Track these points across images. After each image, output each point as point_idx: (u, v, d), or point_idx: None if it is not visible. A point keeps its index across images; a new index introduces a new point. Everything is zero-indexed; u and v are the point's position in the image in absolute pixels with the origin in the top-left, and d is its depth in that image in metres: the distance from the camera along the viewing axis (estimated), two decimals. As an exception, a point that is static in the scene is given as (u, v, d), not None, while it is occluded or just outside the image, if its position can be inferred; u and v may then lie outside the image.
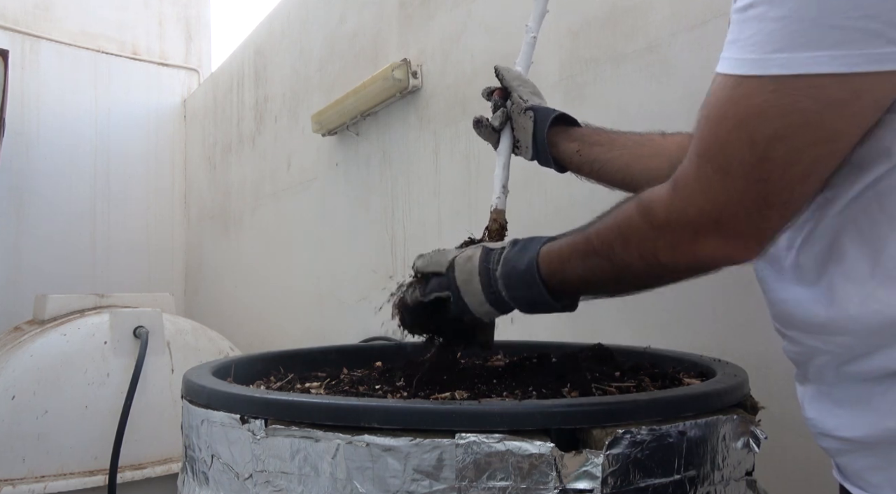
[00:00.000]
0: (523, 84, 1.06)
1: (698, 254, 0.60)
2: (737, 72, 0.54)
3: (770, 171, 0.53)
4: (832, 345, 0.60)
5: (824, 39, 0.49)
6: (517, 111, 1.04)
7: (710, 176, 0.57)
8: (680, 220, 0.60)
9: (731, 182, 0.55)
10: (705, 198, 0.58)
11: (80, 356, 1.99)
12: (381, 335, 2.24)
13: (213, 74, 4.15)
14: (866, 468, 0.60)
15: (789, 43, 0.50)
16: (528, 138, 1.04)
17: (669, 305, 1.32)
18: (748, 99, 0.53)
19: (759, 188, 0.54)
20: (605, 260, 0.69)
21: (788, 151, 0.52)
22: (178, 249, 4.47)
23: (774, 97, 0.51)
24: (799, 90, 0.50)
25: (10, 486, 1.79)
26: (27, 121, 3.91)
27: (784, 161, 0.53)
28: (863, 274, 0.56)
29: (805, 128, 0.51)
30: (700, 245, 0.59)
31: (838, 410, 0.61)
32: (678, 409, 0.68)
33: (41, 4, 4.04)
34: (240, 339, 3.13)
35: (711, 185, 0.57)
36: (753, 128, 0.53)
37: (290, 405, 0.70)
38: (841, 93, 0.50)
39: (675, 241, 0.61)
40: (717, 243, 0.58)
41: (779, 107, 0.51)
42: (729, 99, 0.54)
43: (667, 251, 0.62)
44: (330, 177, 2.65)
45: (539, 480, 0.60)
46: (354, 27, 2.47)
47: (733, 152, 0.55)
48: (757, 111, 0.52)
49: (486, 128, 1.07)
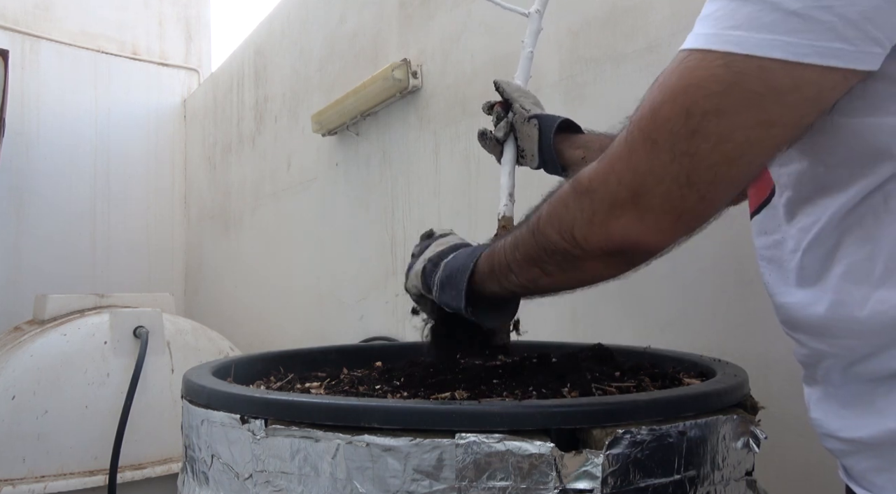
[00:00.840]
0: (524, 95, 1.08)
1: (611, 230, 0.58)
2: (692, 45, 0.53)
3: (698, 146, 0.52)
4: (838, 348, 0.59)
5: (781, 24, 0.48)
6: (520, 121, 1.05)
7: (637, 144, 0.55)
8: (599, 188, 0.58)
9: (656, 152, 0.54)
10: (627, 166, 0.56)
11: (80, 356, 1.99)
12: (381, 335, 2.24)
13: (213, 74, 4.15)
14: (870, 469, 0.59)
15: (747, 22, 0.50)
16: (533, 147, 1.04)
17: (669, 305, 1.32)
18: (693, 70, 0.52)
19: (683, 162, 0.53)
20: (531, 239, 0.67)
21: (722, 128, 0.51)
22: (178, 249, 4.47)
23: (721, 72, 0.50)
24: (747, 69, 0.50)
25: (10, 486, 1.79)
26: (27, 121, 3.91)
27: (715, 138, 0.51)
28: (869, 276, 0.56)
29: (744, 107, 0.50)
30: (614, 219, 0.57)
31: (843, 411, 0.61)
32: (678, 409, 0.68)
33: (41, 4, 4.04)
34: (240, 339, 3.13)
35: (636, 154, 0.55)
36: (692, 100, 0.52)
37: (290, 405, 0.70)
38: (785, 80, 0.49)
39: (591, 212, 0.59)
40: (630, 219, 0.56)
41: (722, 83, 0.50)
42: (675, 69, 0.54)
43: (583, 223, 0.60)
44: (330, 177, 2.65)
45: (539, 480, 0.60)
46: (354, 27, 2.47)
47: (665, 122, 0.53)
48: (699, 83, 0.51)
49: (490, 140, 1.08)
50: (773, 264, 0.67)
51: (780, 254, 0.65)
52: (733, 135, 0.51)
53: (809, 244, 0.60)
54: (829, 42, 0.48)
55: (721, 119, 0.51)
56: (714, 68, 0.51)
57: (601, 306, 1.47)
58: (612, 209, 0.57)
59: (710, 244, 1.25)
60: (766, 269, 0.68)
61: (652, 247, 0.58)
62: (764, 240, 0.69)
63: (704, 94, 0.51)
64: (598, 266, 0.63)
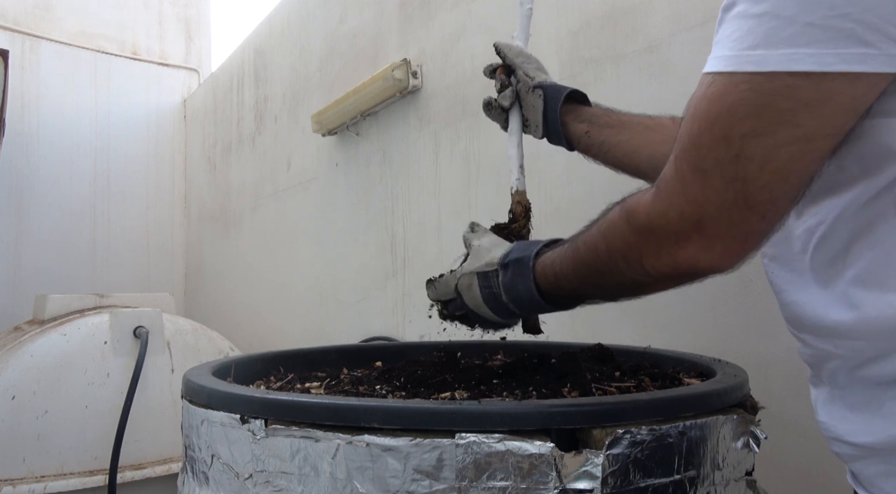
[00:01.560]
0: (527, 60, 1.04)
1: (680, 260, 0.58)
2: (714, 69, 0.53)
3: (746, 170, 0.52)
4: (844, 349, 0.59)
5: (800, 37, 0.48)
6: (525, 89, 1.02)
7: (687, 176, 0.56)
8: (661, 223, 0.59)
9: (708, 181, 0.54)
10: (685, 199, 0.56)
11: (80, 356, 1.99)
12: (381, 335, 2.24)
13: (213, 74, 4.15)
14: (878, 474, 0.59)
15: (765, 40, 0.50)
16: (538, 117, 1.02)
17: (669, 305, 1.32)
18: (722, 96, 0.52)
19: (736, 187, 0.53)
20: (594, 270, 0.69)
21: (763, 149, 0.51)
22: (178, 249, 4.47)
23: (749, 95, 0.51)
24: (774, 88, 0.50)
25: (10, 486, 1.79)
26: (27, 121, 3.91)
27: (760, 159, 0.51)
28: (877, 277, 0.56)
29: (779, 126, 0.50)
30: (682, 249, 0.58)
31: (850, 415, 0.61)
32: (678, 409, 0.68)
33: (41, 4, 4.04)
34: (240, 339, 3.13)
35: (690, 186, 0.55)
36: (728, 126, 0.52)
37: (290, 405, 0.70)
38: (814, 93, 0.49)
39: (657, 246, 0.60)
40: (698, 247, 0.57)
41: (753, 105, 0.51)
42: (704, 96, 0.54)
43: (650, 257, 0.61)
44: (330, 177, 2.65)
45: (539, 480, 0.60)
46: (354, 27, 2.47)
47: (708, 150, 0.53)
48: (730, 108, 0.52)
49: (495, 109, 1.05)
50: (779, 263, 0.67)
51: (788, 254, 0.65)
52: (777, 154, 0.51)
53: (816, 245, 0.60)
54: (853, 48, 0.47)
55: (760, 140, 0.51)
56: (741, 92, 0.51)
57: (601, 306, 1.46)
58: (679, 241, 0.58)
59: (710, 244, 1.24)
60: (771, 268, 0.68)
61: (724, 269, 0.59)
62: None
63: (738, 119, 0.51)
64: (666, 286, 0.66)
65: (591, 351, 1.00)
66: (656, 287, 0.66)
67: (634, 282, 0.66)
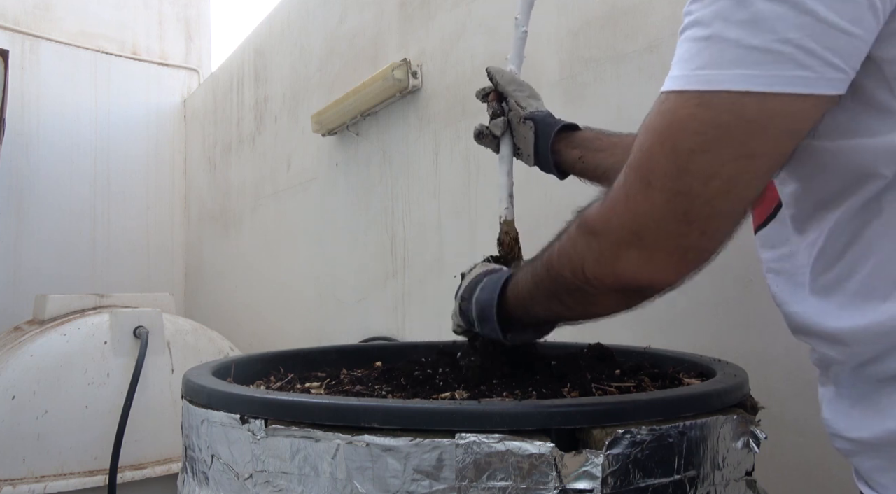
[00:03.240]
0: (519, 87, 1.05)
1: (619, 270, 0.59)
2: (667, 88, 0.55)
3: (690, 184, 0.54)
4: (844, 354, 0.60)
5: (745, 59, 0.50)
6: (516, 119, 1.03)
7: (633, 186, 0.57)
8: (603, 230, 0.60)
9: (651, 193, 0.56)
10: (627, 208, 0.58)
11: (80, 356, 1.99)
12: (381, 335, 2.24)
13: (213, 74, 4.15)
14: (875, 469, 0.60)
15: (712, 61, 0.52)
16: (529, 147, 1.03)
17: (669, 305, 1.32)
18: (673, 112, 0.54)
19: (678, 201, 0.54)
20: (547, 280, 0.70)
21: (708, 165, 0.53)
22: (178, 249, 4.47)
23: (698, 111, 0.53)
24: (721, 106, 0.52)
25: (10, 486, 1.79)
26: (27, 121, 3.91)
27: (704, 174, 0.53)
28: (870, 286, 0.57)
29: (724, 143, 0.52)
30: (621, 259, 0.59)
31: (852, 411, 0.62)
32: (678, 409, 0.68)
33: (41, 4, 4.04)
34: (240, 339, 3.13)
35: (633, 196, 0.57)
36: (676, 140, 0.54)
37: (290, 405, 0.70)
38: (757, 113, 0.51)
39: (599, 252, 0.61)
40: (637, 258, 0.58)
41: (701, 121, 0.53)
42: (658, 112, 0.56)
43: (592, 264, 0.62)
44: (330, 177, 2.65)
45: (539, 480, 0.60)
46: (354, 27, 2.47)
47: (656, 163, 0.55)
48: (680, 124, 0.54)
49: (486, 137, 1.06)
50: (782, 276, 0.68)
51: (791, 267, 0.66)
52: (721, 170, 0.53)
53: (817, 257, 0.62)
54: (792, 71, 0.50)
55: (705, 156, 0.53)
56: (691, 107, 0.53)
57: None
58: (618, 250, 0.59)
59: (710, 244, 1.24)
60: (774, 281, 0.70)
61: (662, 284, 0.60)
62: (771, 253, 0.70)
63: (687, 134, 0.53)
64: (612, 301, 0.66)
65: (591, 351, 1.00)
66: (601, 301, 0.66)
67: (581, 293, 0.66)
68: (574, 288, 0.66)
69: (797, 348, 1.06)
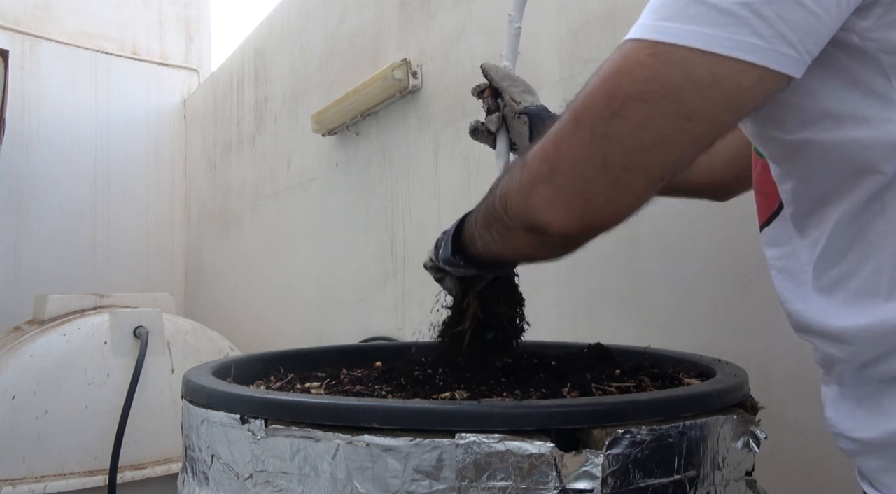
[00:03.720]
0: (514, 83, 1.05)
1: (529, 202, 0.60)
2: (629, 36, 0.55)
3: (617, 129, 0.53)
4: (847, 353, 0.60)
5: (703, 16, 0.50)
6: (511, 114, 1.03)
7: (565, 123, 0.57)
8: (531, 162, 0.61)
9: (577, 131, 0.56)
10: (553, 142, 0.58)
11: (80, 356, 1.99)
12: (381, 335, 2.24)
13: (213, 74, 4.15)
14: (878, 469, 0.60)
15: (674, 14, 0.51)
16: (524, 142, 1.03)
17: (669, 305, 1.32)
18: (624, 58, 0.54)
19: (600, 143, 0.54)
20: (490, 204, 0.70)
21: (640, 114, 0.52)
22: (178, 249, 4.47)
23: (649, 60, 0.52)
24: (671, 59, 0.51)
25: (10, 486, 1.79)
26: (27, 121, 3.91)
27: (634, 123, 0.53)
28: (875, 286, 0.57)
29: (664, 97, 0.52)
30: (534, 193, 0.59)
31: (856, 411, 0.62)
32: (678, 409, 0.68)
33: (41, 4, 4.04)
34: (240, 339, 3.13)
35: (561, 132, 0.57)
36: (618, 84, 0.53)
37: (290, 405, 0.70)
38: (705, 73, 0.50)
39: (520, 182, 0.61)
40: (546, 193, 0.58)
41: (648, 70, 0.52)
42: (611, 57, 0.55)
43: (513, 194, 0.63)
44: (330, 177, 2.65)
45: (539, 480, 0.60)
46: (354, 27, 2.47)
47: (591, 103, 0.55)
48: (627, 69, 0.53)
49: (482, 133, 1.06)
50: (786, 274, 0.68)
51: (794, 265, 0.66)
52: (651, 123, 0.52)
53: (819, 256, 0.61)
54: (745, 36, 0.49)
55: (641, 105, 0.52)
56: (642, 56, 0.53)
57: (601, 306, 1.47)
58: (534, 183, 0.59)
59: (710, 244, 1.25)
60: (778, 279, 0.69)
61: (561, 228, 0.59)
62: (775, 251, 0.70)
63: (630, 80, 0.53)
64: (524, 239, 0.65)
65: (591, 351, 1.00)
66: (515, 237, 0.66)
67: (502, 224, 0.66)
68: (498, 217, 0.67)
69: (797, 348, 1.06)
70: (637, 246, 1.38)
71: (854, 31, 0.51)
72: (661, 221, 1.33)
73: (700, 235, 1.27)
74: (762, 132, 0.62)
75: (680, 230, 1.30)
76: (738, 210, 1.13)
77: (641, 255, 1.38)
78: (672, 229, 1.31)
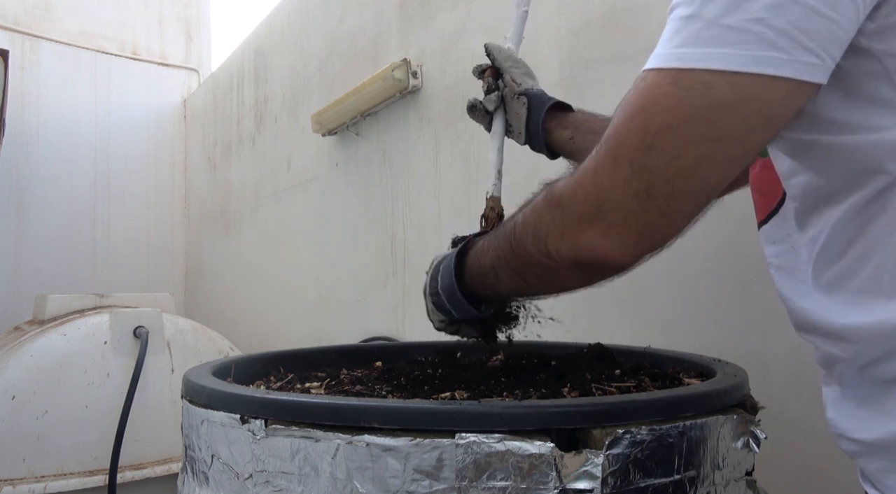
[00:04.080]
0: (515, 64, 1.04)
1: (579, 242, 0.60)
2: (648, 66, 0.56)
3: (654, 161, 0.54)
4: (849, 352, 0.60)
5: (719, 38, 0.50)
6: (510, 95, 1.03)
7: (602, 160, 0.58)
8: (568, 203, 0.60)
9: (617, 168, 0.56)
10: (592, 181, 0.58)
11: (80, 356, 1.99)
12: (381, 335, 2.24)
13: (213, 74, 4.15)
14: (881, 470, 0.60)
15: (689, 40, 0.52)
16: (521, 124, 1.02)
17: (669, 305, 1.32)
18: (648, 89, 0.55)
19: (642, 178, 0.54)
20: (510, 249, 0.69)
21: (675, 143, 0.53)
22: (178, 249, 4.47)
23: (672, 89, 0.53)
24: (693, 84, 0.52)
25: (10, 486, 1.79)
26: (27, 121, 3.91)
27: (669, 152, 0.53)
28: (877, 285, 0.57)
29: (693, 122, 0.52)
30: (582, 232, 0.59)
31: (858, 412, 0.62)
32: (678, 409, 0.68)
33: (41, 4, 4.04)
34: (240, 339, 3.13)
35: (601, 170, 0.57)
36: (647, 117, 0.54)
37: (290, 405, 0.70)
38: (729, 94, 0.51)
39: (562, 225, 0.61)
40: (597, 232, 0.58)
41: (673, 99, 0.53)
42: (635, 89, 0.56)
43: (554, 236, 0.62)
44: (330, 177, 2.65)
45: (539, 480, 0.60)
46: (354, 27, 2.47)
47: (625, 138, 0.56)
48: (653, 101, 0.54)
49: (479, 111, 1.05)
50: (785, 272, 0.68)
51: (794, 263, 0.66)
52: (686, 150, 0.53)
53: (818, 254, 0.61)
54: (763, 51, 0.49)
55: (674, 134, 0.53)
56: (665, 85, 0.53)
57: (601, 306, 1.47)
58: (580, 223, 0.59)
59: (711, 244, 1.25)
60: (777, 277, 0.70)
61: (617, 261, 0.59)
62: (774, 248, 0.70)
63: (658, 111, 0.54)
64: (571, 276, 0.65)
65: (591, 351, 1.00)
66: (561, 276, 0.66)
67: (542, 267, 0.66)
68: (535, 261, 0.66)
69: (797, 348, 1.06)
70: (637, 246, 1.38)
71: (862, 34, 0.52)
72: (661, 221, 1.33)
73: (700, 235, 1.27)
74: None
75: (680, 230, 1.30)
76: (738, 210, 1.13)
77: (641, 255, 1.38)
78: (672, 229, 1.31)
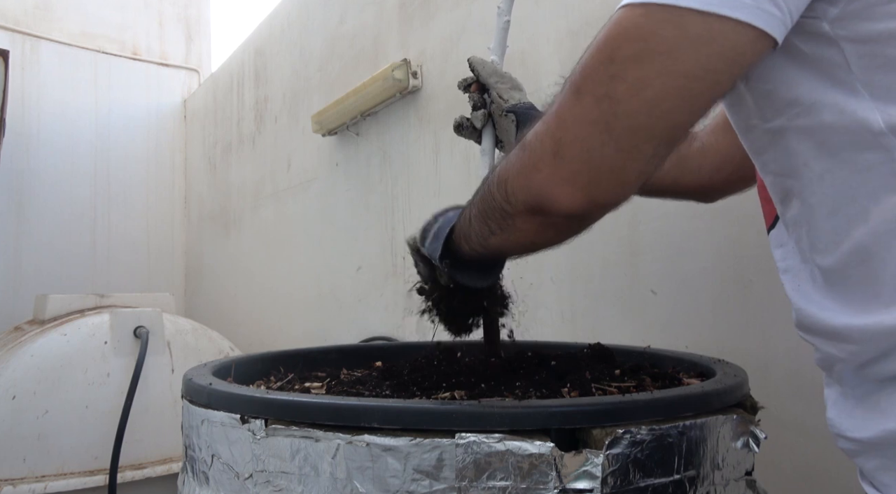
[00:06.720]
0: (501, 79, 1.03)
1: (531, 182, 0.59)
2: (622, 3, 0.55)
3: (617, 90, 0.53)
4: (846, 352, 0.60)
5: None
6: (498, 112, 1.02)
7: (566, 95, 0.57)
8: (531, 141, 0.60)
9: (580, 99, 0.55)
10: (555, 118, 0.57)
11: (81, 356, 1.99)
12: (381, 335, 2.24)
13: (213, 74, 4.15)
14: (877, 468, 0.60)
15: None
16: (511, 140, 1.01)
17: (669, 305, 1.32)
18: (619, 22, 0.54)
19: (602, 105, 0.54)
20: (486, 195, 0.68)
21: (641, 74, 0.53)
22: (178, 249, 4.47)
23: (643, 20, 0.53)
24: (665, 18, 0.52)
25: (11, 486, 1.79)
26: (27, 121, 3.90)
27: (635, 83, 0.53)
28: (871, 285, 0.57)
29: (661, 55, 0.52)
30: (537, 171, 0.58)
31: (855, 411, 0.62)
32: (678, 409, 0.68)
33: (41, 4, 4.04)
34: (240, 339, 3.13)
35: (563, 105, 0.57)
36: (615, 48, 0.54)
37: (290, 405, 0.70)
38: (699, 30, 0.51)
39: (521, 164, 0.60)
40: (551, 170, 0.57)
41: (643, 30, 0.53)
42: (606, 25, 0.56)
43: (514, 176, 0.61)
44: (330, 177, 2.66)
45: (539, 480, 0.60)
46: (354, 27, 2.47)
47: (590, 71, 0.55)
48: (623, 33, 0.54)
49: (467, 129, 1.05)
50: (789, 274, 0.68)
51: (793, 265, 0.66)
52: (651, 82, 0.53)
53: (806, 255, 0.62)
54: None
55: (640, 65, 0.53)
56: (636, 17, 0.53)
57: (601, 306, 1.47)
58: (537, 163, 0.59)
59: (710, 244, 1.25)
60: (784, 279, 0.70)
61: (566, 206, 0.58)
62: (780, 252, 0.71)
63: (626, 40, 0.53)
64: (525, 224, 0.64)
65: (591, 351, 1.00)
66: (517, 224, 0.64)
67: (502, 212, 0.65)
68: (497, 206, 0.65)
69: (797, 348, 1.06)
70: (637, 246, 1.39)
71: (825, 19, 0.52)
72: (661, 221, 1.33)
73: (700, 235, 1.27)
74: (745, 121, 0.63)
75: (680, 230, 1.30)
76: (738, 210, 1.13)
77: (641, 255, 1.38)
78: (672, 229, 1.31)
